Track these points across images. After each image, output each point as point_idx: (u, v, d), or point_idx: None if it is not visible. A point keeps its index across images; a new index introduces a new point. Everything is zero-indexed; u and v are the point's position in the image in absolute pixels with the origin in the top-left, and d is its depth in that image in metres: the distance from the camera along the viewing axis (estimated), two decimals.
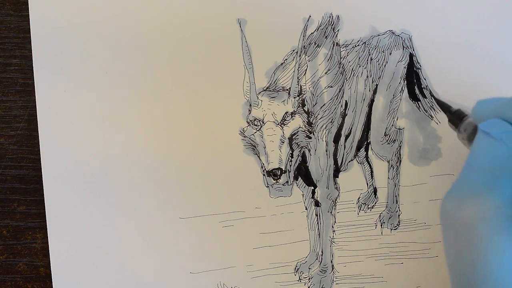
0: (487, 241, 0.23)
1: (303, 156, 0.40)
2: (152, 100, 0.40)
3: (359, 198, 0.40)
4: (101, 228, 0.39)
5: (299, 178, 0.40)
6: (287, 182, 0.40)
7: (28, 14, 0.40)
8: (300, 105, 0.40)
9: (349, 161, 0.41)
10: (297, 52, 0.40)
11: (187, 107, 0.40)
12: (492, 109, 0.29)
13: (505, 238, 0.23)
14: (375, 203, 0.41)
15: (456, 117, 0.34)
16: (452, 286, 0.25)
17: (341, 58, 0.40)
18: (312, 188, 0.40)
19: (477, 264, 0.23)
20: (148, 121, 0.40)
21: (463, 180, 0.26)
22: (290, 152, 0.39)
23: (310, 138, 0.40)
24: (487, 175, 0.25)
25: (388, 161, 0.41)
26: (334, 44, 0.40)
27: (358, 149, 0.41)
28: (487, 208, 0.24)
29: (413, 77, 0.41)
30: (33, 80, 0.39)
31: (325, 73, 0.40)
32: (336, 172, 0.40)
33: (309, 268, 0.40)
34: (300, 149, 0.40)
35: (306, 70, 0.40)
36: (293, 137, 0.39)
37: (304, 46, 0.40)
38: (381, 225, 0.40)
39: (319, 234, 0.40)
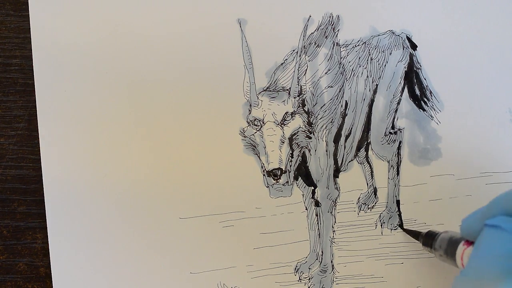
0: None
1: (303, 156, 0.40)
2: (152, 100, 0.40)
3: (359, 198, 0.40)
4: (101, 228, 0.39)
5: (299, 178, 0.40)
6: (287, 182, 0.40)
7: (28, 14, 0.40)
8: (300, 105, 0.40)
9: (349, 161, 0.41)
10: (297, 52, 0.40)
11: (187, 107, 0.40)
12: (477, 219, 0.31)
13: None
14: (375, 203, 0.41)
15: (429, 239, 0.36)
16: None
17: (341, 58, 0.40)
18: (312, 188, 0.40)
19: None
20: (147, 120, 0.40)
21: (475, 263, 0.28)
22: (290, 152, 0.39)
23: (310, 138, 0.40)
24: (501, 260, 0.26)
25: (388, 161, 0.41)
26: (334, 44, 0.40)
27: (358, 149, 0.41)
28: None
29: (413, 77, 0.41)
30: (33, 80, 0.39)
31: (325, 73, 0.40)
32: (336, 172, 0.40)
33: (309, 268, 0.40)
34: (300, 149, 0.40)
35: (306, 70, 0.40)
36: (293, 137, 0.39)
37: (304, 46, 0.40)
38: (381, 225, 0.40)
39: (319, 234, 0.40)
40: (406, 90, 0.41)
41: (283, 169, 0.39)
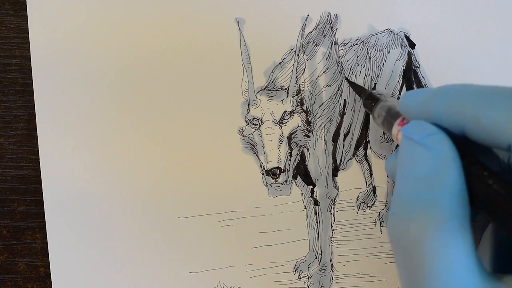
0: (437, 259, 0.22)
1: (302, 155, 0.40)
2: (150, 100, 0.40)
3: (358, 197, 0.40)
4: (101, 228, 0.39)
5: (298, 177, 0.40)
6: (286, 181, 0.40)
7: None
8: (299, 104, 0.40)
9: (348, 160, 0.41)
10: (295, 51, 0.40)
11: (186, 107, 0.40)
12: (417, 102, 0.27)
13: (454, 252, 0.22)
14: (374, 201, 0.41)
15: (369, 101, 0.33)
16: None
17: (339, 57, 0.40)
18: (311, 187, 0.40)
19: (431, 284, 0.22)
20: (146, 120, 0.40)
21: (399, 196, 0.24)
22: (289, 151, 0.39)
23: (309, 137, 0.40)
24: (421, 187, 0.23)
25: None
26: (332, 43, 0.40)
27: (357, 147, 0.41)
28: (432, 225, 0.22)
29: (411, 76, 0.41)
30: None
31: (324, 72, 0.40)
32: (335, 171, 0.40)
33: (309, 267, 0.40)
34: (299, 148, 0.40)
35: (304, 69, 0.40)
36: (292, 136, 0.39)
37: (302, 45, 0.40)
38: (381, 224, 0.40)
39: (318, 233, 0.40)
40: (404, 88, 0.41)
41: (282, 168, 0.39)
